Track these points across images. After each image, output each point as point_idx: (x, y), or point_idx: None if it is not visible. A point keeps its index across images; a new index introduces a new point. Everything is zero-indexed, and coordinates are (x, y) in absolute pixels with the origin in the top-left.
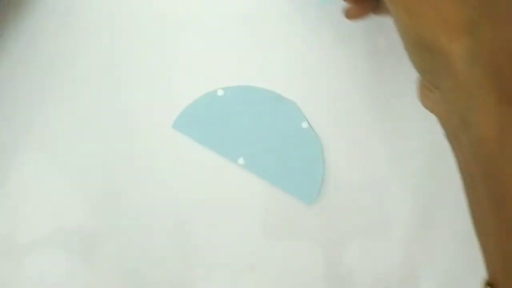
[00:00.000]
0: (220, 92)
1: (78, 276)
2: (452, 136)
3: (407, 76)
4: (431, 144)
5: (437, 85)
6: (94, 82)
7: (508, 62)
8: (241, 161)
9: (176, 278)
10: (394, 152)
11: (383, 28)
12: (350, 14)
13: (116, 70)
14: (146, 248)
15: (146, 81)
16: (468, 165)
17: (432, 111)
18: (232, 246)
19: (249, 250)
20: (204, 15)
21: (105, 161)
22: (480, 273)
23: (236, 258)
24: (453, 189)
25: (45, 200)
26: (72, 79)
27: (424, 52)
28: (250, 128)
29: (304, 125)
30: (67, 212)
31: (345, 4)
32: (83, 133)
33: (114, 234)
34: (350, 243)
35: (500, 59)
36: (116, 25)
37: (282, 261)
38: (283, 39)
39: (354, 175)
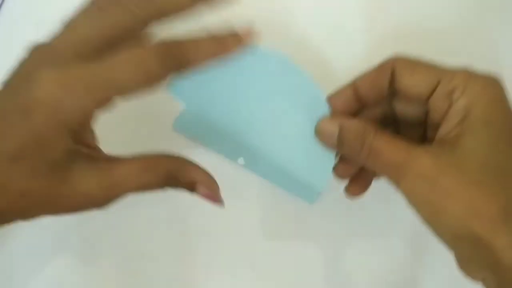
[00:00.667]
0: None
1: (78, 276)
2: None
3: None
4: None
5: (479, 275)
6: None
7: None
8: (240, 161)
9: (176, 278)
10: None
11: None
12: (351, 191)
13: None
14: (146, 248)
15: None
16: None
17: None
18: (232, 246)
19: (249, 250)
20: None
21: None
22: None
23: (236, 258)
24: None
25: None
26: None
27: (461, 243)
28: (262, 126)
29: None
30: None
31: None
32: None
33: (114, 234)
34: (350, 243)
35: None
36: None
37: (282, 261)
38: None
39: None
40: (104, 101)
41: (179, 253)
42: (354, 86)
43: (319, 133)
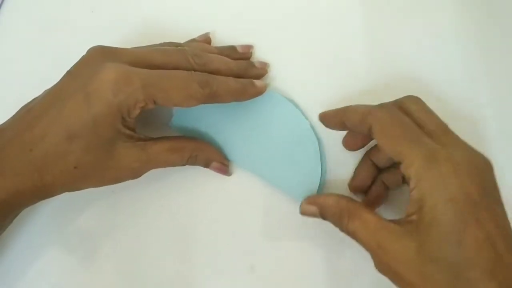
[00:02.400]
0: None
1: (78, 276)
2: None
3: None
4: None
5: None
6: None
7: None
8: (238, 161)
9: (176, 278)
10: None
11: None
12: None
13: None
14: (146, 249)
15: None
16: None
17: None
18: (232, 246)
19: (249, 250)
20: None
21: None
22: None
23: (236, 258)
24: None
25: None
26: None
27: None
28: (249, 128)
29: (305, 125)
30: (67, 212)
31: None
32: None
33: (114, 234)
34: (350, 243)
35: None
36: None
37: (282, 261)
38: (284, 37)
39: None
40: (151, 100)
41: (179, 253)
42: (341, 118)
43: (304, 213)
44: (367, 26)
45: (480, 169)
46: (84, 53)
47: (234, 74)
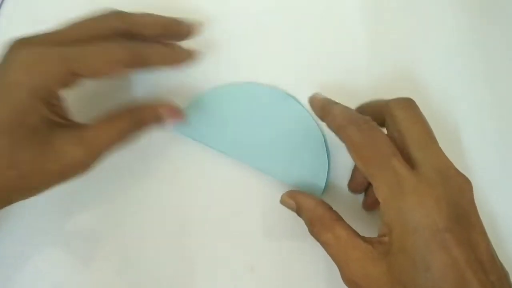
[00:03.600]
0: (220, 89)
1: (78, 276)
2: None
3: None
4: None
5: None
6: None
7: None
8: (244, 157)
9: (175, 278)
10: None
11: None
12: (366, 207)
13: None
14: (146, 248)
15: (144, 80)
16: None
17: None
18: (232, 246)
19: (249, 250)
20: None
21: (105, 162)
22: None
23: (236, 258)
24: None
25: (46, 199)
26: None
27: None
28: (253, 126)
29: (310, 121)
30: (67, 212)
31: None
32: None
33: (114, 234)
34: None
35: None
36: None
37: (282, 261)
38: (290, 37)
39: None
40: (70, 72)
41: (178, 253)
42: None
43: (282, 204)
44: (367, 23)
45: (451, 195)
46: None
47: (162, 30)
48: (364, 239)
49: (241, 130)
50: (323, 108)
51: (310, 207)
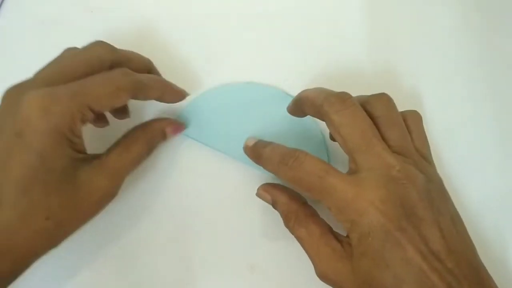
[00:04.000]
0: (220, 89)
1: (78, 276)
2: None
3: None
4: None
5: None
6: None
7: None
8: (244, 158)
9: (175, 278)
10: None
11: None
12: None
13: None
14: (146, 248)
15: None
16: None
17: None
18: (232, 246)
19: (249, 250)
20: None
21: None
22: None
23: (236, 258)
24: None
25: None
26: None
27: None
28: (253, 126)
29: (309, 119)
30: None
31: None
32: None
33: (114, 234)
34: None
35: None
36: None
37: (282, 261)
38: (290, 36)
39: None
40: (86, 107)
41: (178, 253)
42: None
43: (259, 196)
44: (366, 20)
45: (395, 194)
46: None
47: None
48: (336, 236)
49: (241, 130)
50: (254, 151)
51: (284, 201)
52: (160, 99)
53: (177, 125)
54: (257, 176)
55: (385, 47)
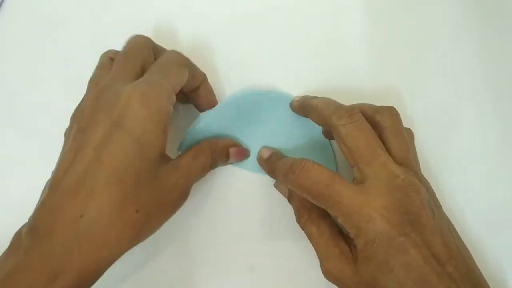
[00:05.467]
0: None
1: None
2: None
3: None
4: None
5: None
6: None
7: None
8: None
9: (175, 278)
10: None
11: None
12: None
13: None
14: (146, 248)
15: None
16: None
17: None
18: (232, 246)
19: (249, 250)
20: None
21: None
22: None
23: (236, 258)
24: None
25: None
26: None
27: None
28: (260, 134)
29: (317, 128)
30: None
31: None
32: None
33: None
34: None
35: None
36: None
37: (282, 261)
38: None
39: None
40: (172, 91)
41: (178, 253)
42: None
43: (277, 188)
44: (367, 23)
45: (400, 202)
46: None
47: None
48: (345, 239)
49: (249, 140)
50: (268, 164)
51: (300, 198)
52: (197, 90)
53: (242, 149)
54: (257, 176)
55: (389, 48)
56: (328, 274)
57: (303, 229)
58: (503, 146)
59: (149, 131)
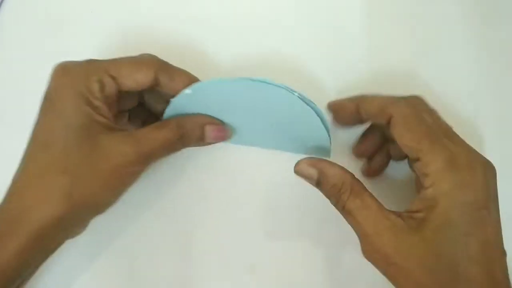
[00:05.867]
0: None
1: (79, 276)
2: None
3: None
4: None
5: None
6: None
7: None
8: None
9: (175, 278)
10: None
11: None
12: (367, 173)
13: None
14: (146, 248)
15: None
16: None
17: None
18: (232, 245)
19: (249, 250)
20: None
21: None
22: None
23: (236, 258)
24: None
25: None
26: None
27: None
28: (251, 116)
29: (294, 98)
30: None
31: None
32: None
33: (114, 233)
34: (350, 243)
35: None
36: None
37: (282, 261)
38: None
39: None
40: (103, 72)
41: (178, 253)
42: (356, 107)
43: (299, 172)
44: (367, 21)
45: (489, 176)
46: (84, 52)
47: None
48: (393, 212)
49: (240, 120)
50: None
51: (337, 174)
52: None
53: (220, 128)
54: (257, 176)
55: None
56: (377, 252)
57: (343, 209)
58: (500, 145)
59: (66, 100)
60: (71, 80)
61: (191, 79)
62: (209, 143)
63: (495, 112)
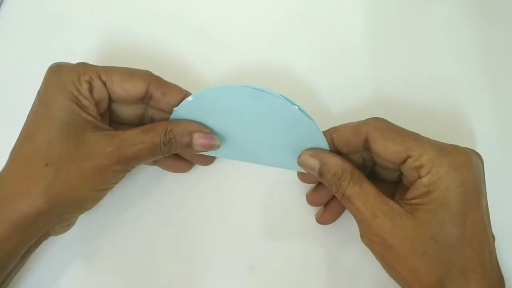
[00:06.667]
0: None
1: (78, 276)
2: None
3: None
4: None
5: None
6: None
7: None
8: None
9: (175, 278)
10: None
11: None
12: (321, 221)
13: None
14: (145, 249)
15: None
16: None
17: None
18: (232, 246)
19: (249, 250)
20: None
21: None
22: None
23: (236, 258)
24: None
25: None
26: None
27: None
28: (248, 129)
29: (294, 110)
30: None
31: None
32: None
33: (113, 235)
34: (350, 243)
35: None
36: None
37: (282, 261)
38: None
39: None
40: (93, 72)
41: (178, 253)
42: (330, 137)
43: (302, 163)
44: (368, 29)
45: (478, 161)
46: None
47: None
48: (390, 199)
49: (241, 129)
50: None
51: (338, 163)
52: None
53: (209, 137)
54: (257, 176)
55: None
56: (374, 235)
57: (343, 196)
58: (504, 145)
59: (54, 94)
60: (61, 78)
61: (184, 94)
62: (197, 151)
63: (495, 112)
